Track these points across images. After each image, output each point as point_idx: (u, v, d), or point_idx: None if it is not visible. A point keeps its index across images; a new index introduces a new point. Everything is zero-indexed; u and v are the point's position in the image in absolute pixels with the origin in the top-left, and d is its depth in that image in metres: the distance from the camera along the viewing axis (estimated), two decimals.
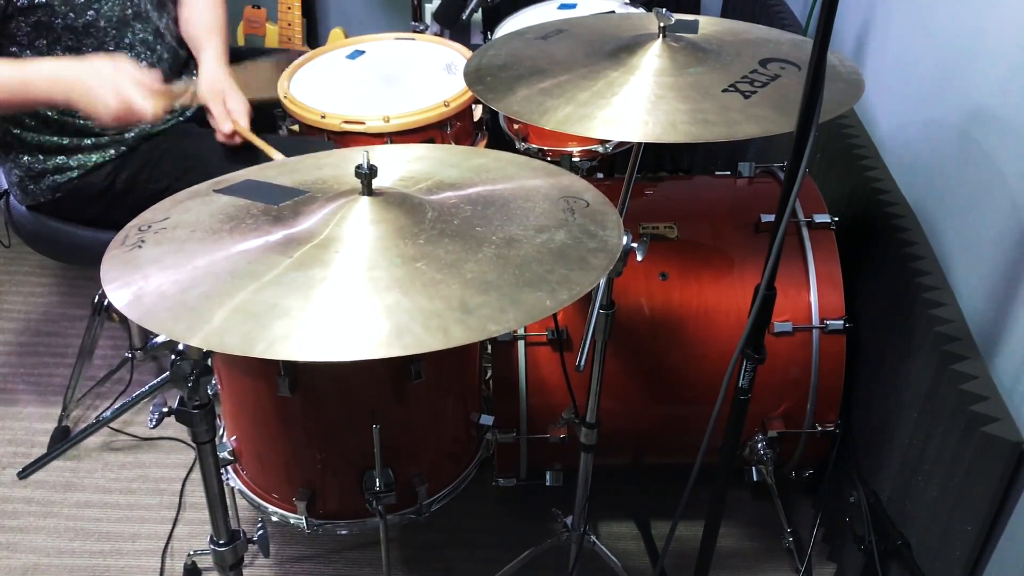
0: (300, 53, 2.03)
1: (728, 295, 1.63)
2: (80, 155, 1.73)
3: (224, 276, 0.96)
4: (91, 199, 1.77)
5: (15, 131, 1.71)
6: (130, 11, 1.71)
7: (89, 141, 1.73)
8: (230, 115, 1.73)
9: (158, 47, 1.79)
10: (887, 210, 1.61)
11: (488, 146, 1.96)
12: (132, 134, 1.76)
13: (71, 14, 1.62)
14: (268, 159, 1.70)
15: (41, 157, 1.73)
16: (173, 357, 1.01)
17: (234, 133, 1.72)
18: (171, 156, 1.76)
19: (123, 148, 1.75)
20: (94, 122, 1.58)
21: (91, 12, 1.64)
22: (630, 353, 1.64)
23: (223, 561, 1.21)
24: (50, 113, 1.69)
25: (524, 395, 1.64)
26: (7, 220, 1.90)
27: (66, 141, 1.72)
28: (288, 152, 1.63)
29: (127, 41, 1.72)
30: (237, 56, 1.95)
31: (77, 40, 1.65)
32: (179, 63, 1.88)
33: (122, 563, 1.81)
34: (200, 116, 1.91)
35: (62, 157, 1.73)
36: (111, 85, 1.53)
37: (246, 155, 1.70)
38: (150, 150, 1.77)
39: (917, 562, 1.43)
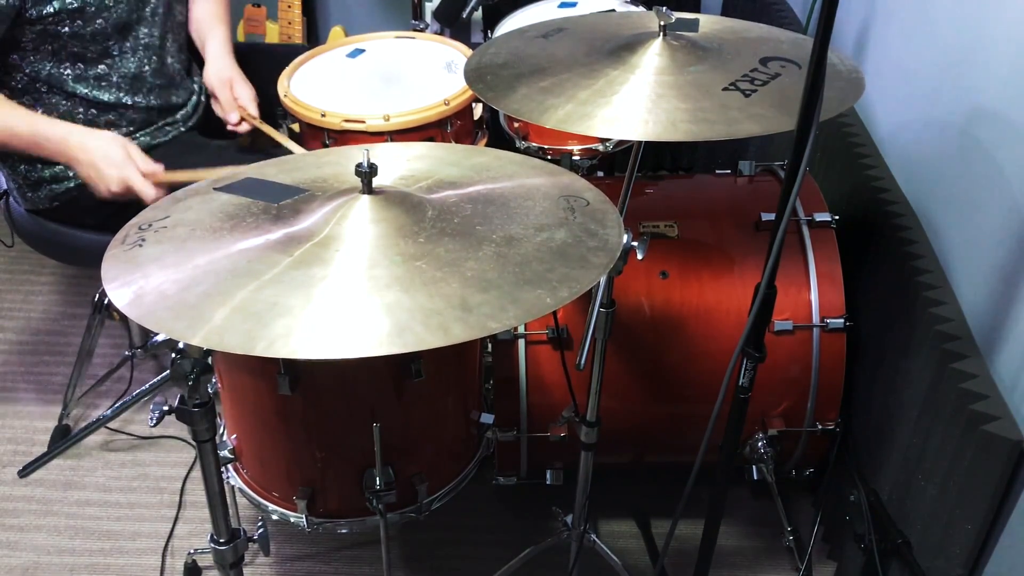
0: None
1: (728, 294, 1.63)
2: None
3: (224, 275, 0.96)
4: (90, 209, 1.76)
5: None
6: (135, 16, 1.71)
7: None
8: (237, 102, 1.74)
9: (163, 52, 1.79)
10: (887, 209, 1.61)
11: (488, 145, 1.96)
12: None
13: (79, 21, 1.62)
14: (280, 150, 1.70)
15: (39, 166, 1.73)
16: (173, 356, 1.01)
17: (241, 121, 1.73)
18: (173, 167, 1.75)
19: None
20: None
21: (100, 20, 1.64)
22: (630, 352, 1.64)
23: (223, 559, 1.21)
24: None
25: (524, 393, 1.64)
26: (8, 221, 1.90)
27: None
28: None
29: (129, 45, 1.72)
30: (238, 53, 1.95)
31: (82, 46, 1.65)
32: (183, 68, 1.88)
33: (122, 561, 1.81)
34: (202, 125, 1.91)
35: (60, 166, 1.72)
36: (117, 173, 1.56)
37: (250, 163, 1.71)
38: None
39: (917, 561, 1.43)
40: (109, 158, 1.57)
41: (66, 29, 1.61)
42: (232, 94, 1.76)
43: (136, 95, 1.76)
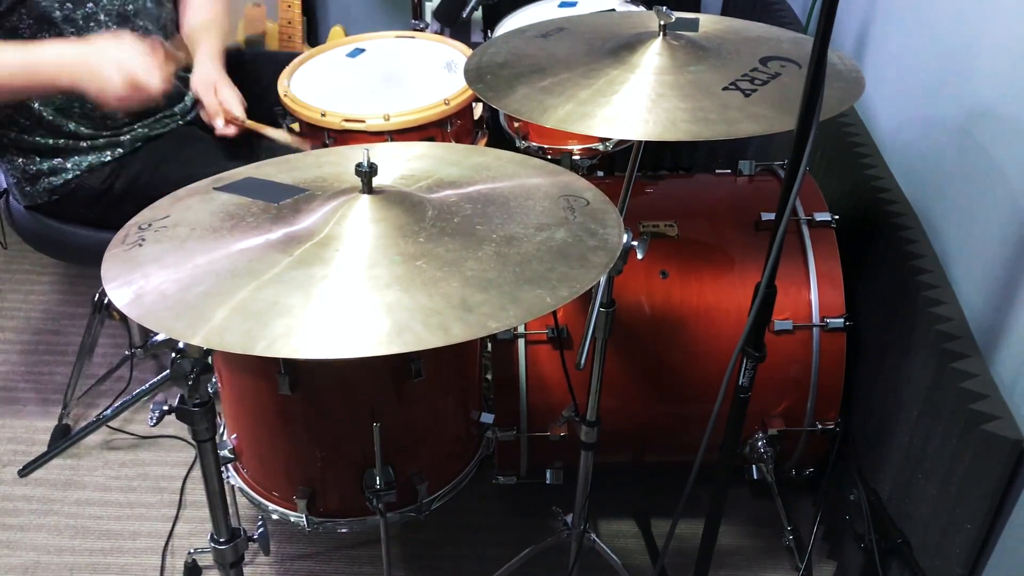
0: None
1: (728, 293, 1.63)
2: (76, 156, 1.73)
3: (224, 274, 0.96)
4: (89, 202, 1.77)
5: (10, 134, 1.71)
6: (130, 7, 1.72)
7: (85, 144, 1.72)
8: (222, 105, 1.73)
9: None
10: (887, 208, 1.61)
11: (488, 144, 1.96)
12: (128, 136, 1.75)
13: (69, 4, 1.62)
14: (279, 147, 1.69)
15: (37, 159, 1.73)
16: (173, 355, 1.01)
17: (228, 124, 1.72)
18: (171, 161, 1.75)
19: (120, 151, 1.75)
20: (103, 106, 1.56)
21: (90, 4, 1.64)
22: (630, 351, 1.64)
23: (223, 559, 1.21)
24: (45, 113, 1.68)
25: (524, 393, 1.64)
26: (7, 220, 1.90)
27: (61, 142, 1.71)
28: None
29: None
30: (239, 57, 1.95)
31: (78, 33, 1.65)
32: None
33: (122, 561, 1.81)
34: (200, 121, 1.91)
35: (58, 159, 1.73)
36: (115, 63, 1.51)
37: (247, 158, 1.71)
38: (149, 154, 1.77)
39: (917, 560, 1.43)
40: (104, 56, 1.52)
41: (58, 13, 1.61)
42: (217, 98, 1.75)
43: None
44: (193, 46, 1.85)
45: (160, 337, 0.97)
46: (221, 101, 1.74)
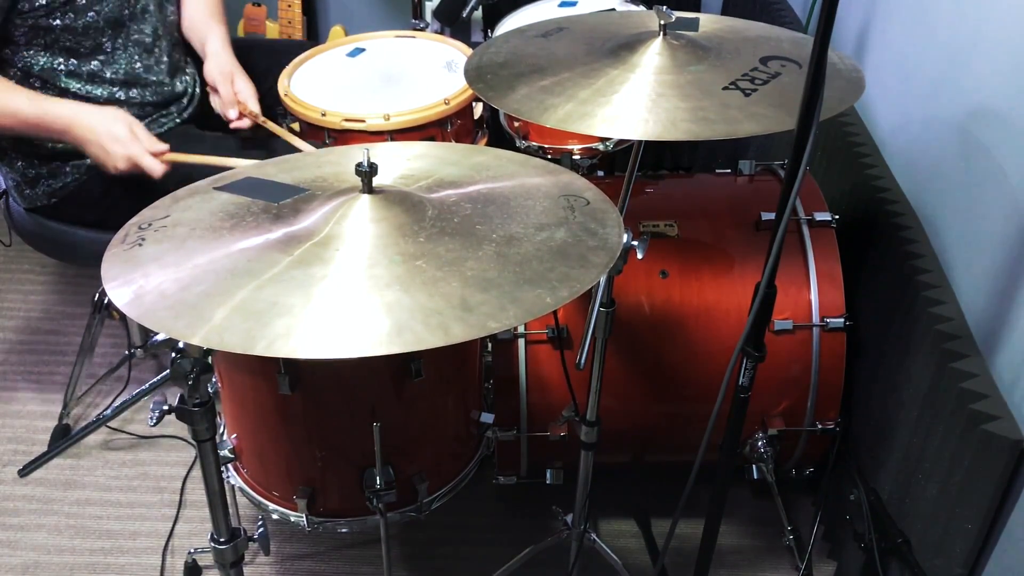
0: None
1: (728, 293, 1.63)
2: (75, 159, 1.73)
3: (224, 274, 0.96)
4: (89, 204, 1.77)
5: (10, 137, 1.71)
6: (127, 12, 1.71)
7: None
8: (237, 96, 1.73)
9: (155, 49, 1.79)
10: (887, 208, 1.61)
11: (488, 144, 1.96)
12: None
13: (71, 14, 1.62)
14: (278, 142, 1.70)
15: (36, 161, 1.73)
16: (173, 355, 1.01)
17: (241, 117, 1.72)
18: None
19: None
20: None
21: (91, 13, 1.64)
22: (630, 351, 1.64)
23: (223, 559, 1.21)
24: None
25: (524, 393, 1.64)
26: (7, 220, 1.90)
27: (60, 147, 1.71)
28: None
29: (120, 42, 1.72)
30: (237, 47, 1.94)
31: (75, 41, 1.65)
32: (174, 66, 1.88)
33: (122, 561, 1.81)
34: (198, 118, 1.91)
35: (56, 162, 1.73)
36: (122, 151, 1.57)
37: (245, 156, 1.71)
38: None
39: (917, 560, 1.43)
40: (114, 136, 1.58)
41: (58, 22, 1.61)
42: (233, 88, 1.76)
43: (130, 91, 1.76)
44: (201, 38, 1.86)
45: (160, 337, 0.97)
46: (237, 93, 1.75)
